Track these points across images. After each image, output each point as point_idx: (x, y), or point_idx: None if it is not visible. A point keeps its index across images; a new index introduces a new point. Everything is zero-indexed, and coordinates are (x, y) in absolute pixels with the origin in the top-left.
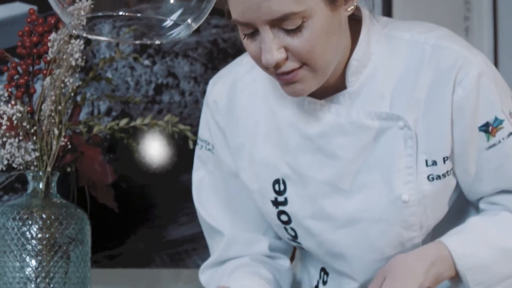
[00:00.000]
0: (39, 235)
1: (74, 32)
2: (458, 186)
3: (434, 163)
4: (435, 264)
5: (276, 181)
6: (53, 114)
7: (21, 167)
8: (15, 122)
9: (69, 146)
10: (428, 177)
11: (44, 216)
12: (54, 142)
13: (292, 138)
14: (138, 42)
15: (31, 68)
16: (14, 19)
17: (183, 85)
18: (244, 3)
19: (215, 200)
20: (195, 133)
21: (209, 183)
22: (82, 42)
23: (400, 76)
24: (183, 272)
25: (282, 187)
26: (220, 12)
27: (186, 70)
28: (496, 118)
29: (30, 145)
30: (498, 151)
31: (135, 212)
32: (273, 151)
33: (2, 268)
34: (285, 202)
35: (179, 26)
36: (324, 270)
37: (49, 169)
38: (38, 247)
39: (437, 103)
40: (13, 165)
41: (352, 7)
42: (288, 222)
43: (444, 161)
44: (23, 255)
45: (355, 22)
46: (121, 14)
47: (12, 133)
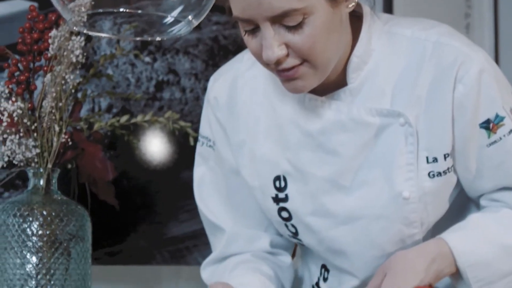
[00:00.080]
0: (40, 232)
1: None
2: (459, 183)
3: (435, 160)
4: (436, 261)
5: (277, 178)
6: (54, 111)
7: (22, 164)
8: (16, 119)
9: (70, 143)
10: (429, 174)
11: (45, 213)
12: (55, 139)
13: (293, 135)
14: (139, 39)
15: (32, 65)
16: (15, 16)
17: (184, 82)
18: (245, 0)
19: (216, 197)
20: (196, 130)
21: (210, 180)
22: (83, 39)
23: (401, 73)
24: (184, 269)
25: (283, 184)
26: (221, 9)
27: (187, 67)
28: (497, 115)
29: (31, 142)
30: (499, 148)
31: (136, 209)
32: (274, 148)
33: (3, 265)
34: (286, 199)
35: (180, 23)
36: (325, 267)
37: (50, 166)
38: (39, 244)
39: (438, 100)
40: (14, 162)
41: (353, 4)
42: (289, 219)
43: (445, 158)
44: (24, 252)
45: (356, 19)
46: (122, 11)
47: (13, 130)
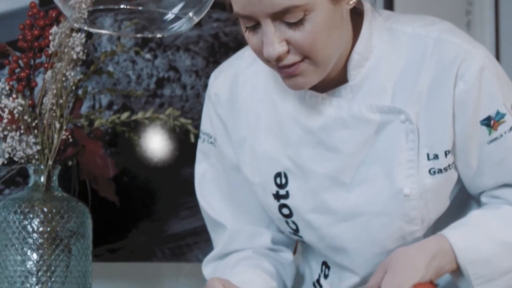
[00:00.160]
0: (41, 229)
1: (76, 26)
2: (460, 180)
3: (436, 157)
4: (436, 258)
5: (278, 175)
6: (54, 108)
7: (23, 161)
8: (16, 116)
9: (71, 140)
10: (430, 171)
11: (46, 210)
12: (56, 136)
13: (294, 132)
14: (140, 36)
15: (32, 62)
16: (15, 13)
17: (185, 79)
18: None
19: (218, 194)
20: (197, 127)
21: (211, 177)
22: (84, 36)
23: (402, 70)
24: (185, 266)
25: (284, 181)
26: (222, 6)
27: (188, 64)
28: (498, 112)
29: (32, 139)
30: (500, 145)
31: (137, 206)
32: (275, 145)
33: (4, 262)
34: (287, 196)
35: (181, 20)
36: (326, 264)
37: (51, 163)
38: (40, 241)
39: (439, 97)
40: (15, 159)
41: (354, 1)
42: (290, 216)
43: (446, 155)
44: (25, 249)
45: (357, 16)
46: (123, 8)
47: (13, 127)
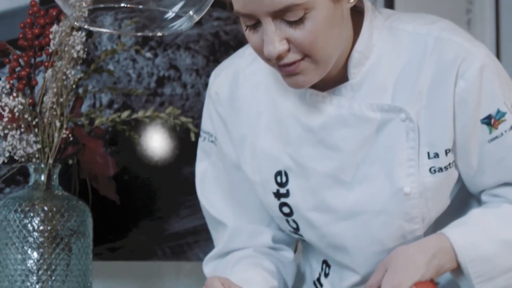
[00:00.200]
0: (41, 228)
1: (76, 24)
2: (460, 179)
3: (436, 156)
4: (437, 256)
5: (278, 173)
6: (55, 106)
7: (23, 159)
8: (17, 114)
9: (71, 138)
10: (430, 170)
11: (46, 209)
12: (56, 134)
13: (294, 130)
14: (140, 34)
15: (33, 60)
16: (16, 11)
17: (185, 78)
18: None
19: (218, 192)
20: (197, 126)
21: (212, 175)
22: (84, 34)
23: (402, 68)
24: (185, 265)
25: (284, 179)
26: (222, 4)
27: (188, 63)
28: (499, 111)
29: (32, 137)
30: (500, 144)
31: (137, 205)
32: (275, 143)
33: (4, 261)
34: (287, 194)
35: (181, 18)
36: (326, 263)
37: (51, 161)
38: (40, 240)
39: (440, 96)
40: (15, 158)
41: None
42: (290, 214)
43: (446, 154)
44: (25, 248)
45: (358, 14)
46: (123, 6)
47: (14, 125)
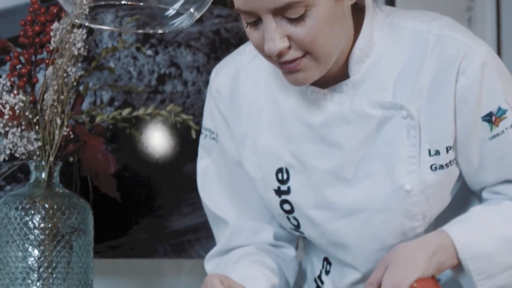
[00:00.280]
0: (42, 225)
1: (77, 22)
2: (461, 176)
3: (437, 153)
4: (437, 253)
5: (279, 170)
6: (56, 104)
7: (24, 157)
8: (18, 112)
9: (72, 136)
10: (431, 167)
11: (47, 206)
12: (57, 132)
13: (295, 127)
14: (141, 32)
15: (34, 58)
16: (17, 9)
17: (186, 75)
18: None
19: (220, 189)
20: (198, 123)
21: (214, 172)
22: (85, 32)
23: (403, 66)
24: (186, 263)
25: (285, 176)
26: (223, 2)
27: (189, 60)
28: (500, 108)
29: (33, 135)
30: (501, 141)
31: (138, 202)
32: (276, 140)
33: (5, 258)
34: (288, 191)
35: (182, 16)
36: (327, 260)
37: (52, 159)
38: (41, 237)
39: (440, 93)
40: (16, 155)
41: None
42: (291, 212)
43: (447, 151)
44: (26, 245)
45: (358, 11)
46: (124, 3)
47: (15, 123)
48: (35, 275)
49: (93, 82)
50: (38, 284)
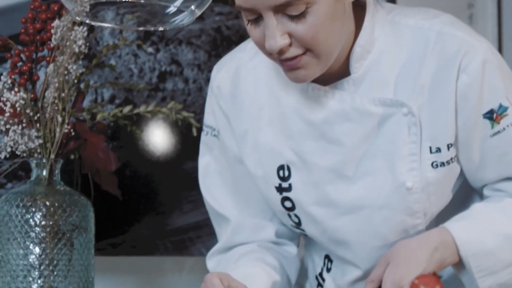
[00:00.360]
0: (43, 223)
1: (78, 19)
2: (462, 173)
3: (438, 150)
4: (438, 250)
5: (281, 167)
6: (57, 101)
7: (25, 155)
8: (19, 109)
9: (73, 133)
10: (432, 164)
11: (48, 204)
12: (58, 129)
13: (296, 124)
14: (142, 29)
15: (34, 55)
16: (17, 6)
17: (187, 73)
18: None
19: (221, 186)
20: (199, 121)
21: (215, 169)
22: (86, 29)
23: (404, 63)
24: (187, 260)
25: (287, 173)
26: None
27: (190, 58)
28: (501, 105)
29: (34, 132)
30: (502, 139)
31: (139, 200)
32: (277, 137)
33: (6, 256)
34: (289, 188)
35: (183, 13)
36: (328, 257)
37: (53, 156)
38: (42, 235)
39: (442, 90)
40: (17, 153)
41: None
42: (292, 209)
43: (448, 148)
44: (27, 243)
45: (359, 8)
46: (125, 1)
47: (16, 120)
48: (36, 273)
49: (94, 80)
50: (39, 282)
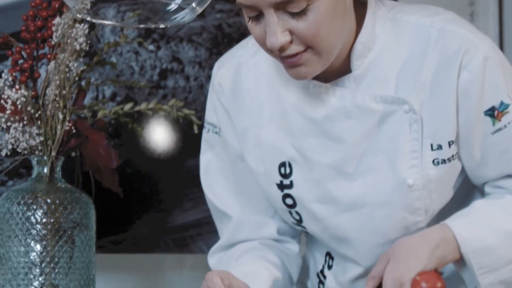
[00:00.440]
0: (44, 220)
1: (79, 16)
2: (463, 171)
3: (439, 147)
4: (439, 247)
5: (282, 164)
6: (58, 99)
7: (26, 152)
8: (20, 107)
9: (74, 131)
10: (433, 161)
11: (49, 201)
12: (59, 127)
13: (297, 121)
14: (143, 26)
15: (36, 53)
16: (18, 4)
17: (188, 70)
18: None
19: (223, 183)
20: (200, 118)
21: (217, 166)
22: (87, 27)
23: (406, 60)
24: (188, 258)
25: (288, 170)
26: None
27: (191, 55)
28: (502, 103)
29: (35, 130)
30: (504, 136)
31: (140, 197)
32: (279, 134)
33: (7, 253)
34: (291, 185)
35: (184, 10)
36: (329, 255)
37: (54, 154)
38: (43, 232)
39: (443, 87)
40: (18, 150)
41: None
42: (293, 206)
43: (450, 145)
44: (28, 240)
45: (361, 5)
46: None
47: (17, 118)
48: (37, 270)
49: (95, 77)
50: (40, 279)
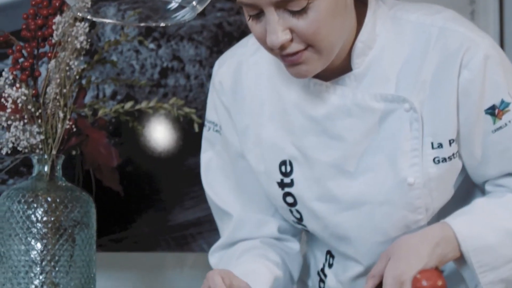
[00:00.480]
0: (44, 218)
1: (79, 15)
2: (464, 169)
3: (440, 146)
4: (440, 245)
5: (283, 163)
6: (58, 97)
7: (26, 150)
8: (20, 105)
9: (74, 129)
10: (434, 160)
11: (49, 199)
12: (59, 125)
13: (297, 120)
14: (143, 25)
15: (36, 51)
16: (19, 2)
17: (188, 69)
18: None
19: (224, 182)
20: (201, 116)
21: (217, 165)
22: (87, 25)
23: (406, 58)
24: (188, 256)
25: (289, 169)
26: None
27: (191, 54)
28: (503, 101)
29: (35, 128)
30: (504, 134)
31: (140, 196)
32: (279, 133)
33: (8, 252)
34: (291, 184)
35: (184, 9)
36: (330, 253)
37: (54, 152)
38: (43, 230)
39: (443, 86)
40: (18, 149)
41: None
42: (294, 204)
43: (450, 144)
44: (28, 238)
45: (361, 4)
46: None
47: (17, 116)
48: (38, 269)
49: (96, 76)
50: (41, 278)
